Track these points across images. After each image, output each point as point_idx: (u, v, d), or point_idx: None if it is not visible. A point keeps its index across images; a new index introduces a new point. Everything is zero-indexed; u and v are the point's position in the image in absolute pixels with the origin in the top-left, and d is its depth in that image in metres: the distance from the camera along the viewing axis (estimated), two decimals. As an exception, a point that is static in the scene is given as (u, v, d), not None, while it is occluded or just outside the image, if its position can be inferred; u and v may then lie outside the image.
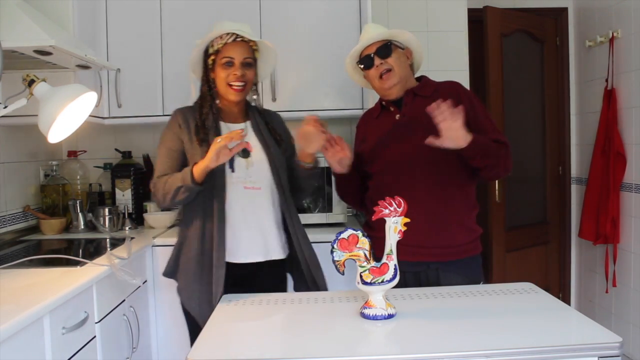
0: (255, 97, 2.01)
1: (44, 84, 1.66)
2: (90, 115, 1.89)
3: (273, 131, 1.98)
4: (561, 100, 3.82)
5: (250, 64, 1.89)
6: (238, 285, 1.85)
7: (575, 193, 3.83)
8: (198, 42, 1.90)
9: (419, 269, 1.89)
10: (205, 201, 1.84)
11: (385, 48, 1.92)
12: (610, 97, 3.23)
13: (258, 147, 1.92)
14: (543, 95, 3.82)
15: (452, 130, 1.66)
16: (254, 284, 1.88)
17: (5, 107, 1.72)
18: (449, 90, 1.93)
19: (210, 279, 1.82)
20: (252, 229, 1.88)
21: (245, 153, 1.88)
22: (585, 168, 3.55)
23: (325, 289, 1.96)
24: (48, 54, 1.93)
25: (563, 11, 3.77)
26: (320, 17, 2.77)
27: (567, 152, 3.83)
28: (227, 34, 1.85)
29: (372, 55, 1.93)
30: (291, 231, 1.93)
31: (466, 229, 1.93)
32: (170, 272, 1.94)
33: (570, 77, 3.80)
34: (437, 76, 2.07)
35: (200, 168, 1.76)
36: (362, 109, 2.77)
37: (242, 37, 1.87)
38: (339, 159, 1.89)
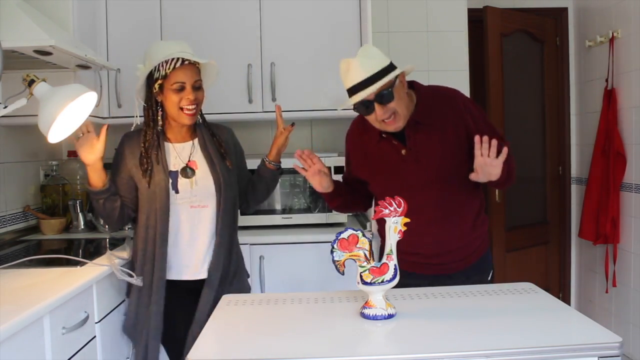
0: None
1: (44, 84, 1.66)
2: (90, 115, 1.89)
3: (219, 146, 1.97)
4: (561, 100, 3.82)
5: (200, 85, 1.89)
6: (183, 302, 1.92)
7: (575, 193, 3.83)
8: (141, 67, 1.89)
9: (439, 279, 1.89)
10: (148, 223, 1.90)
11: (387, 93, 1.68)
12: (610, 97, 3.23)
13: (204, 165, 1.94)
14: (543, 95, 3.82)
15: (491, 167, 1.63)
16: (197, 297, 1.92)
17: (5, 107, 1.71)
18: (449, 107, 1.81)
19: (147, 299, 1.89)
20: (200, 246, 1.93)
21: (190, 172, 1.92)
22: (585, 168, 3.55)
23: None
24: (48, 54, 1.93)
25: (563, 11, 3.77)
26: (320, 18, 2.77)
27: (567, 152, 3.84)
28: (173, 59, 1.82)
29: (371, 102, 1.69)
30: (217, 249, 1.93)
31: (478, 235, 1.94)
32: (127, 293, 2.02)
33: (570, 77, 3.81)
34: (437, 76, 2.07)
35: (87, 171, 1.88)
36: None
37: (188, 59, 1.85)
38: (319, 181, 1.87)
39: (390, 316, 1.38)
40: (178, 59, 1.83)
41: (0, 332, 1.22)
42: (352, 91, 1.70)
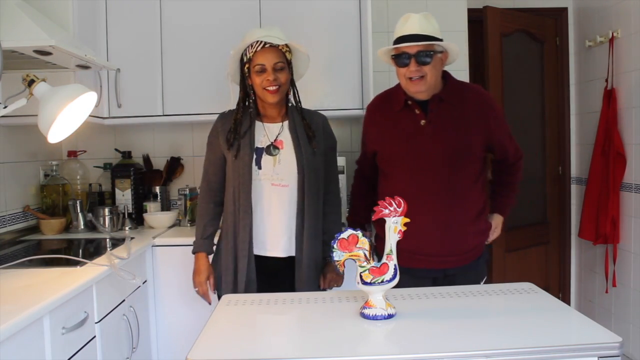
0: (290, 96, 2.07)
1: (44, 84, 1.66)
2: (90, 115, 1.89)
3: (308, 129, 2.02)
4: (561, 100, 3.82)
5: (282, 67, 1.95)
6: (269, 278, 1.97)
7: (575, 193, 3.83)
8: (232, 53, 1.99)
9: (436, 275, 1.92)
10: (234, 197, 1.95)
11: (427, 55, 1.82)
12: (610, 97, 3.23)
13: (289, 145, 1.98)
14: (543, 95, 3.82)
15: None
16: (285, 279, 1.97)
17: (5, 107, 1.71)
18: (475, 102, 1.92)
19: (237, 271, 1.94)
20: (277, 224, 1.95)
21: (274, 150, 1.96)
22: (585, 168, 3.55)
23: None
24: (48, 54, 1.93)
25: (563, 11, 3.77)
26: (320, 17, 2.77)
27: (567, 152, 3.83)
28: (257, 41, 1.93)
29: (410, 56, 1.82)
30: (300, 231, 1.95)
31: (479, 232, 1.98)
32: (214, 268, 2.05)
33: (570, 77, 3.80)
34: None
35: (196, 258, 2.04)
36: (362, 109, 2.76)
37: (270, 42, 1.93)
38: None
39: (390, 316, 1.38)
40: (259, 42, 1.93)
41: (0, 332, 1.22)
42: (401, 40, 1.84)
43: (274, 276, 1.98)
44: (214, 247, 2.07)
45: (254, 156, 1.94)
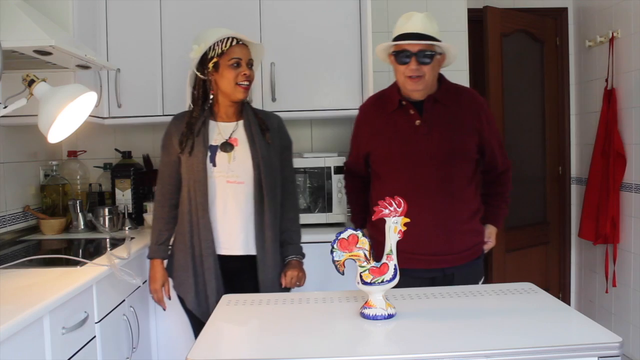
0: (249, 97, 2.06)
1: (44, 84, 1.66)
2: (90, 115, 1.89)
3: (262, 124, 2.01)
4: (561, 100, 3.82)
5: (252, 64, 1.98)
6: (233, 277, 1.95)
7: (575, 193, 3.83)
8: (196, 47, 1.94)
9: (435, 275, 1.93)
10: (189, 195, 1.94)
11: (428, 55, 1.83)
12: (610, 97, 3.23)
13: (244, 142, 1.97)
14: (543, 95, 3.82)
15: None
16: (249, 278, 1.95)
17: (5, 107, 1.71)
18: (469, 104, 1.95)
19: (201, 270, 1.93)
20: (234, 222, 1.94)
21: (228, 147, 1.95)
22: (585, 168, 3.55)
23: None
24: (48, 54, 1.93)
25: (563, 11, 3.77)
26: (320, 18, 2.77)
27: (567, 152, 3.84)
28: (228, 38, 1.92)
29: (411, 54, 1.83)
30: (260, 230, 1.94)
31: (475, 231, 1.99)
32: (169, 270, 2.05)
33: (570, 77, 3.81)
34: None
35: (151, 264, 2.06)
36: (362, 109, 2.76)
37: (243, 40, 1.95)
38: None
39: (390, 316, 1.38)
40: (232, 38, 1.93)
41: (0, 332, 1.22)
42: (402, 38, 1.85)
43: (235, 276, 1.96)
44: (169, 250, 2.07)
45: (208, 153, 1.93)
